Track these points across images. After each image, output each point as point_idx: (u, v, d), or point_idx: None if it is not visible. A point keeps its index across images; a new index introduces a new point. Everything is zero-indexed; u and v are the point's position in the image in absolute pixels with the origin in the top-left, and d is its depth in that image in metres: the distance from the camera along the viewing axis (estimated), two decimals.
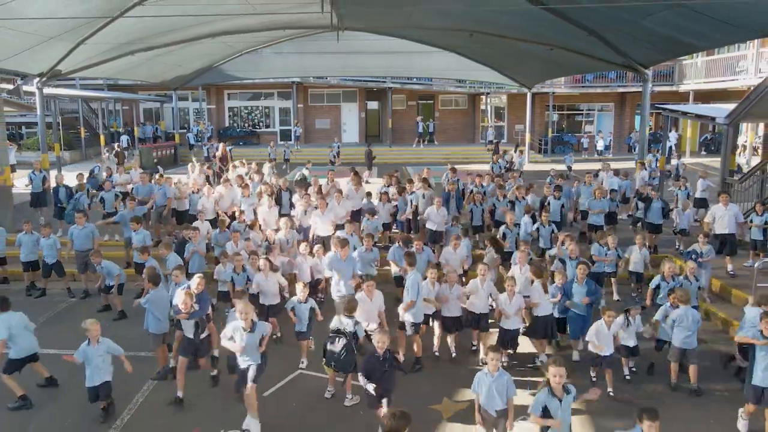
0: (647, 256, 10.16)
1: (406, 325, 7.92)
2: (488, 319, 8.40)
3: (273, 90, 32.93)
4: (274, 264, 8.89)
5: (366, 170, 17.40)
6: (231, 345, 6.44)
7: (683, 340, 7.35)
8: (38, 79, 15.20)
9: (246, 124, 33.88)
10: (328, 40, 18.77)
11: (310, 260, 9.65)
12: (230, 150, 26.47)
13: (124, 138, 29.86)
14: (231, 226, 11.15)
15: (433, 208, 11.53)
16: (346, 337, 6.66)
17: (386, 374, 6.04)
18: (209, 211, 12.26)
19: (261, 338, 6.48)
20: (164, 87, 26.66)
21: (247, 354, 6.43)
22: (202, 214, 11.51)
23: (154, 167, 20.88)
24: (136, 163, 22.57)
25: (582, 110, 33.54)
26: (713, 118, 14.23)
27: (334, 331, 6.82)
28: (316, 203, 11.72)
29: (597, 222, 12.26)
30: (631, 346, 7.56)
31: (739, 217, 10.88)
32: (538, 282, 8.13)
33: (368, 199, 12.92)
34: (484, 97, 33.08)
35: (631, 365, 7.85)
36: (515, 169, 19.71)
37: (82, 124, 26.44)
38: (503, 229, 10.76)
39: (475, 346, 8.57)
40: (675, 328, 7.42)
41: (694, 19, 9.77)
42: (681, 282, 8.39)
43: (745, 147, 23.60)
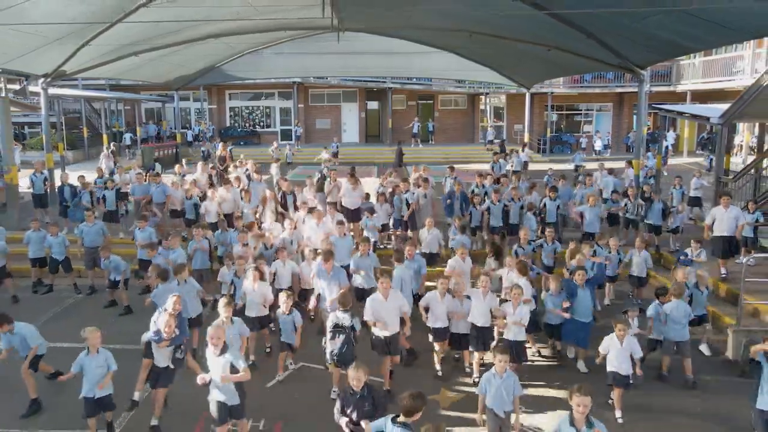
0: (648, 259, 10.01)
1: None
2: (492, 334, 7.94)
3: (274, 90, 33.16)
4: (263, 272, 8.41)
5: (394, 169, 17.39)
6: (202, 379, 5.75)
7: (676, 333, 7.57)
8: (43, 79, 15.39)
9: (247, 124, 34.11)
10: (329, 40, 18.96)
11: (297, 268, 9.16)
12: (230, 150, 26.76)
13: (128, 136, 30.10)
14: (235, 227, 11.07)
15: (425, 230, 10.72)
16: (345, 331, 6.83)
17: (366, 411, 5.17)
18: (212, 214, 12.24)
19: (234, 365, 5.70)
20: (166, 87, 26.85)
21: (221, 389, 5.72)
22: (199, 229, 10.56)
23: (152, 165, 21.09)
24: (138, 162, 22.76)
25: (581, 110, 33.77)
26: (708, 118, 14.45)
27: (333, 327, 6.94)
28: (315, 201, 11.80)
29: (591, 230, 11.69)
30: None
31: (740, 219, 10.68)
32: (525, 280, 8.13)
33: (367, 199, 12.89)
34: (483, 97, 33.31)
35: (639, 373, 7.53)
36: (515, 169, 19.75)
37: (84, 124, 26.64)
38: (516, 248, 9.93)
39: (469, 368, 8.06)
40: (668, 322, 7.62)
41: (688, 22, 9.97)
42: (692, 291, 8.24)
43: (741, 147, 23.82)
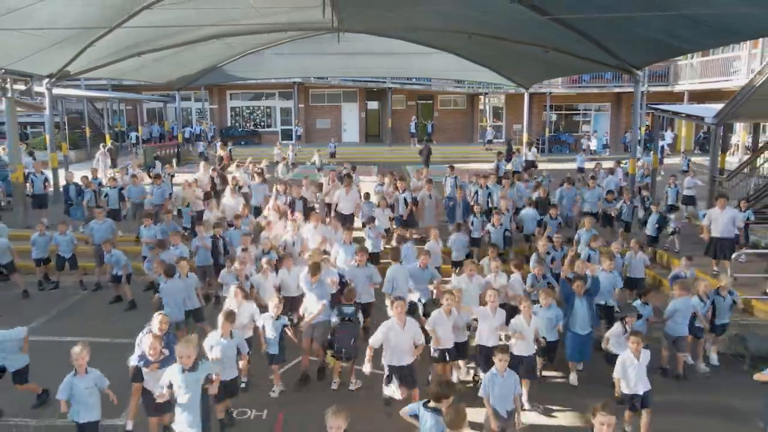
0: (646, 260, 9.94)
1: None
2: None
3: (274, 90, 33.36)
4: (247, 292, 7.88)
5: (424, 168, 17.49)
6: (162, 396, 5.38)
7: (676, 329, 7.73)
8: (47, 80, 15.62)
9: (248, 124, 34.33)
10: (329, 41, 19.16)
11: (274, 275, 8.79)
12: (230, 150, 27.03)
13: (133, 135, 30.36)
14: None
15: (433, 243, 10.13)
16: (352, 321, 7.06)
17: None
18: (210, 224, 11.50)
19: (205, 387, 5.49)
20: (168, 87, 27.07)
21: (186, 409, 5.29)
22: (202, 226, 10.63)
23: (152, 163, 21.29)
24: (139, 161, 22.96)
25: (579, 110, 33.99)
26: (702, 118, 14.67)
27: (342, 319, 7.13)
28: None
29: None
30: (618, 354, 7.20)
31: (737, 221, 10.59)
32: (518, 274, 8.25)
33: (366, 200, 12.66)
34: (482, 97, 33.52)
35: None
36: (515, 170, 19.89)
37: (87, 124, 26.85)
38: (530, 279, 8.78)
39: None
40: (674, 317, 7.72)
41: (682, 24, 10.20)
42: (714, 298, 8.10)
43: (737, 146, 24.03)
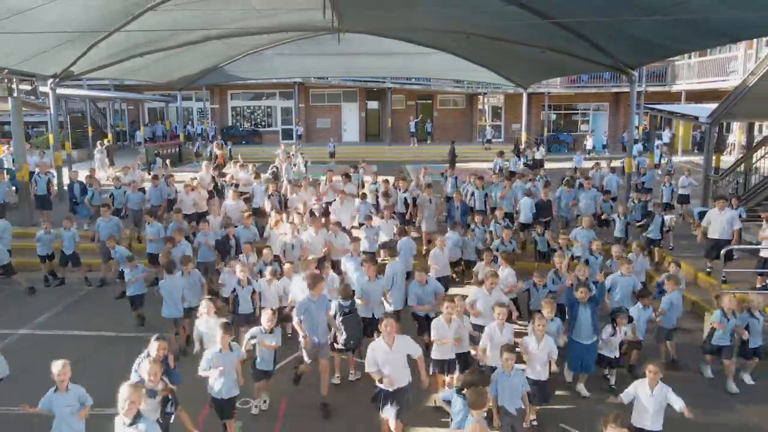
0: (646, 264, 9.86)
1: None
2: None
3: (275, 90, 33.58)
4: (220, 306, 7.64)
5: (450, 167, 17.61)
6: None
7: (672, 320, 8.08)
8: (52, 80, 15.83)
9: (249, 124, 34.57)
10: (329, 41, 19.36)
11: (277, 282, 8.58)
12: (230, 149, 27.29)
13: (138, 134, 30.64)
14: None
15: (437, 250, 9.75)
16: (352, 316, 7.24)
17: None
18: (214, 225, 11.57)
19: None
20: (169, 87, 27.29)
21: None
22: (206, 224, 10.85)
23: (153, 160, 21.49)
24: (142, 159, 23.17)
25: (578, 110, 34.21)
26: (696, 118, 14.88)
27: (345, 312, 7.25)
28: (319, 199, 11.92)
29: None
30: (612, 357, 7.43)
31: (735, 223, 10.42)
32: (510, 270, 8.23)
33: (363, 201, 12.52)
34: (481, 97, 33.74)
35: (612, 382, 7.63)
36: (511, 170, 19.95)
37: (89, 124, 27.09)
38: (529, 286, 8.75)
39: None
40: (667, 311, 8.07)
41: (672, 25, 10.42)
42: (747, 319, 7.68)
43: (734, 146, 24.25)
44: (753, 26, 9.50)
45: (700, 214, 12.00)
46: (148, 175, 17.47)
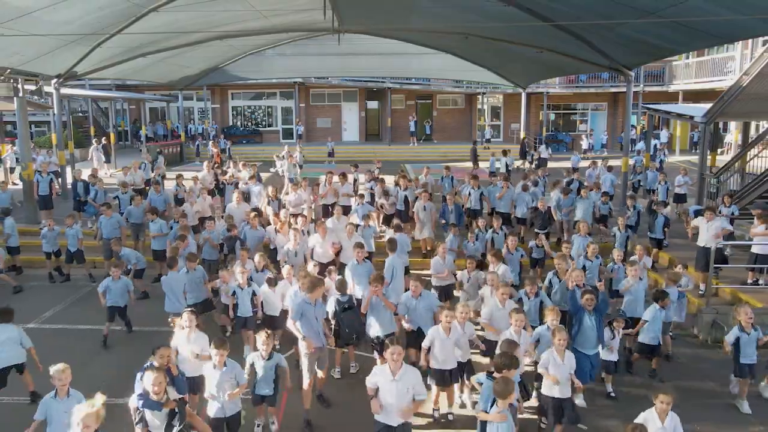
0: (648, 264, 9.66)
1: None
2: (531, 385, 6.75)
3: (275, 90, 33.80)
4: (198, 320, 6.67)
5: (473, 165, 17.65)
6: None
7: (669, 315, 8.12)
8: (56, 80, 16.06)
9: (249, 123, 34.78)
10: (330, 42, 19.60)
11: (278, 289, 8.18)
12: (229, 149, 27.48)
13: (142, 134, 30.80)
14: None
15: (438, 259, 9.18)
16: (352, 308, 7.42)
17: None
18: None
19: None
20: (170, 87, 27.50)
21: None
22: (213, 222, 10.96)
23: (156, 156, 21.64)
24: (149, 158, 23.29)
25: (576, 110, 34.42)
26: (692, 117, 15.08)
27: (345, 308, 7.41)
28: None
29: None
30: (613, 361, 7.26)
31: (726, 227, 10.30)
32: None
33: (361, 200, 12.27)
34: (480, 97, 33.95)
35: (610, 390, 7.34)
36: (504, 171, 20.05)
37: (92, 123, 27.28)
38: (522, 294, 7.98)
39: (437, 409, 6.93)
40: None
41: (667, 26, 10.63)
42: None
43: (730, 145, 24.44)
44: (744, 28, 9.71)
45: (696, 212, 12.17)
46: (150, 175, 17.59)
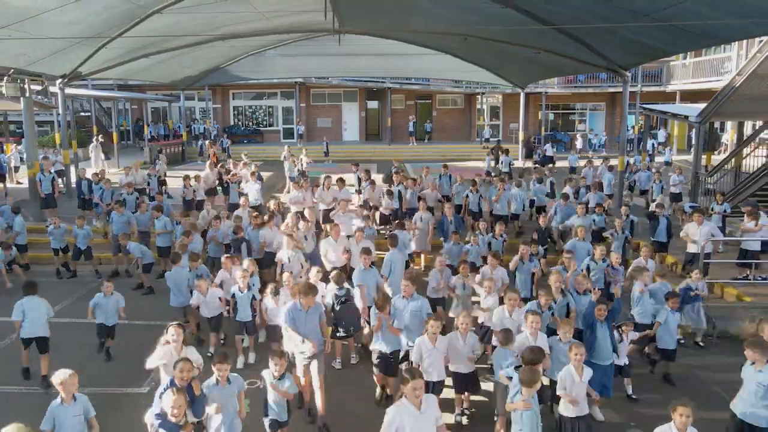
0: (654, 268, 9.31)
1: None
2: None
3: (276, 90, 34.04)
4: (186, 335, 6.27)
5: (494, 165, 17.86)
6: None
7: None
8: (61, 80, 16.29)
9: (250, 123, 35.04)
10: (330, 42, 19.81)
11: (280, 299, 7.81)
12: (228, 148, 27.69)
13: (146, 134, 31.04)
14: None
15: (435, 272, 8.77)
16: (348, 301, 7.65)
17: None
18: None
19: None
20: (172, 87, 27.75)
21: None
22: (219, 221, 11.09)
23: (156, 155, 21.90)
24: (147, 156, 23.59)
25: (575, 110, 34.66)
26: (686, 117, 15.32)
27: (342, 301, 7.59)
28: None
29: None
30: (623, 365, 7.12)
31: (716, 234, 10.31)
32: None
33: (368, 222, 11.73)
34: (479, 97, 34.19)
35: (630, 391, 7.29)
36: (504, 170, 20.17)
37: (94, 123, 27.53)
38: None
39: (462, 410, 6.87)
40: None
41: (662, 28, 10.86)
42: None
43: (727, 145, 24.68)
44: (739, 29, 9.91)
45: (691, 208, 12.39)
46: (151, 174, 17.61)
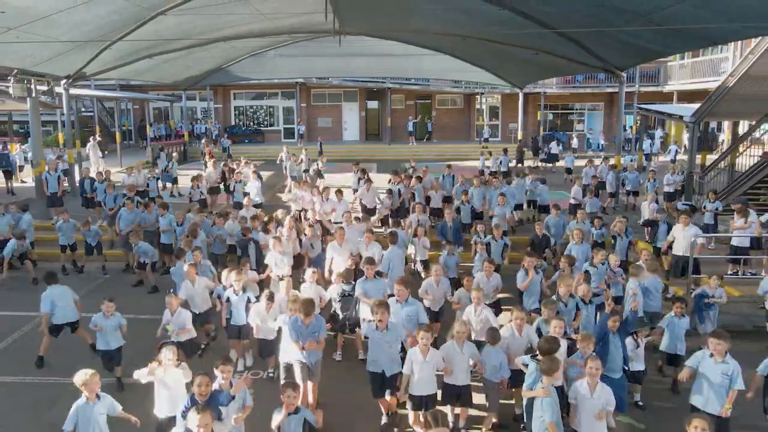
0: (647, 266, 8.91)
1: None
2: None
3: (277, 90, 34.29)
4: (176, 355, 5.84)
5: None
6: None
7: (653, 305, 8.39)
8: (65, 80, 16.54)
9: (251, 123, 35.29)
10: (330, 42, 20.02)
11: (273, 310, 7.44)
12: (228, 146, 27.92)
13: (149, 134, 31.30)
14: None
15: (432, 281, 8.34)
16: (351, 296, 7.89)
17: None
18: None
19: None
20: (174, 87, 27.98)
21: None
22: (222, 219, 11.38)
23: (157, 153, 22.12)
24: (148, 155, 23.80)
25: (574, 110, 34.90)
26: (681, 117, 15.57)
27: (342, 297, 7.84)
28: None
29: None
30: (638, 370, 6.95)
31: (700, 236, 10.25)
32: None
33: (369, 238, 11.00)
34: (478, 97, 34.42)
35: (637, 398, 7.13)
36: (503, 170, 20.10)
37: (97, 123, 27.79)
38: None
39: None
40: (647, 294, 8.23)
41: (655, 31, 11.11)
42: None
43: (723, 145, 24.92)
44: (734, 31, 10.13)
45: (684, 206, 12.65)
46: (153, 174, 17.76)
